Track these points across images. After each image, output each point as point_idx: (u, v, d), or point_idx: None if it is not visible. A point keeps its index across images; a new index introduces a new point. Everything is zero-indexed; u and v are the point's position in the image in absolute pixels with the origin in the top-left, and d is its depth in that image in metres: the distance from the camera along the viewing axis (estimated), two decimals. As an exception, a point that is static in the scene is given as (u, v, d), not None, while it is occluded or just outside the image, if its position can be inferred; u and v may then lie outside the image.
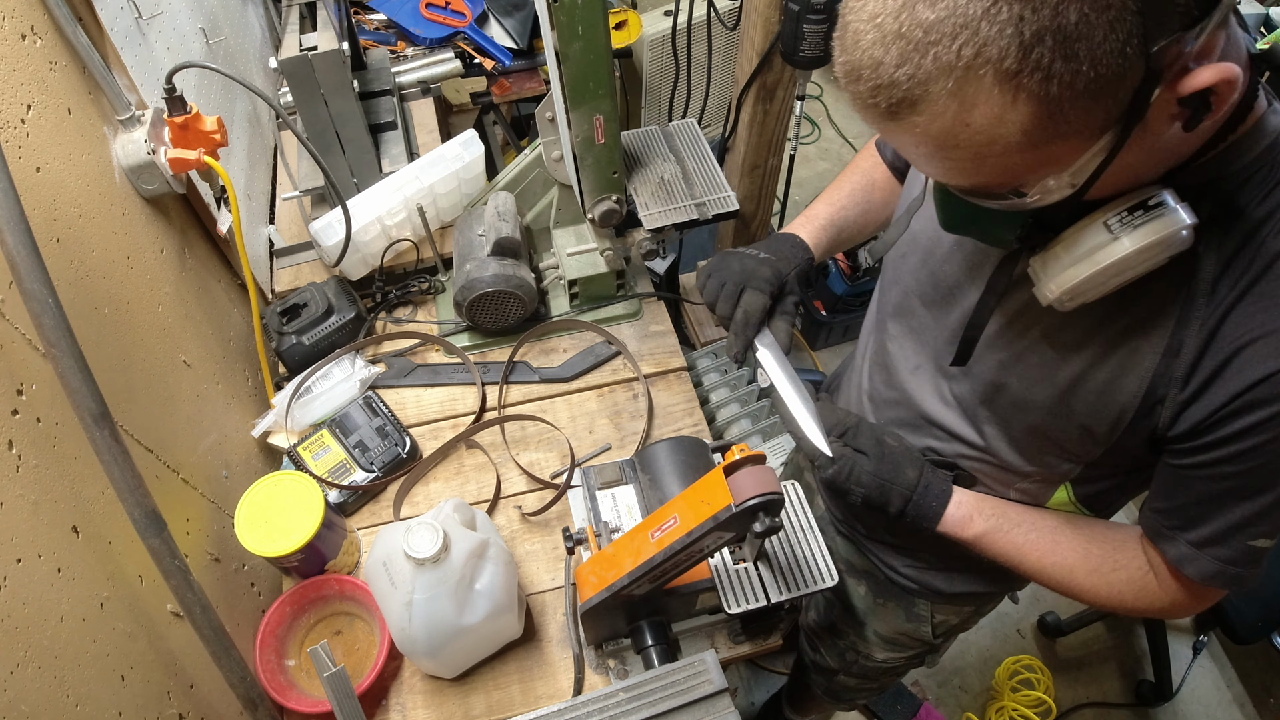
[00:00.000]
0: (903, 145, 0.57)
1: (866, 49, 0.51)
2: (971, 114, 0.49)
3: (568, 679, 1.03)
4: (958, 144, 0.52)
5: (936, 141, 0.52)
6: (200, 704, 0.89)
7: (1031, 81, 0.47)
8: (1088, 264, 0.60)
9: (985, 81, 0.47)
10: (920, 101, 0.50)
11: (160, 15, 1.16)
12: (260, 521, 0.98)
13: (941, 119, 0.50)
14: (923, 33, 0.48)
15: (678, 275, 2.19)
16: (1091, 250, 0.59)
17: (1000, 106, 0.48)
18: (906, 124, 0.52)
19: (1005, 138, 0.50)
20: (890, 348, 0.93)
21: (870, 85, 0.52)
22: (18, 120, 0.78)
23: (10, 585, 0.63)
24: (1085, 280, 0.60)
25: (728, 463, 0.74)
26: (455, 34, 1.90)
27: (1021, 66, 0.46)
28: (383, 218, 1.32)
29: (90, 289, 0.86)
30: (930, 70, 0.48)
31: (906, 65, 0.49)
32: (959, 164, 0.55)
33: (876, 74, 0.51)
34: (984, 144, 0.51)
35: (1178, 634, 2.12)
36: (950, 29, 0.47)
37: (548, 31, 1.02)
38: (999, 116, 0.49)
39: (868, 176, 1.06)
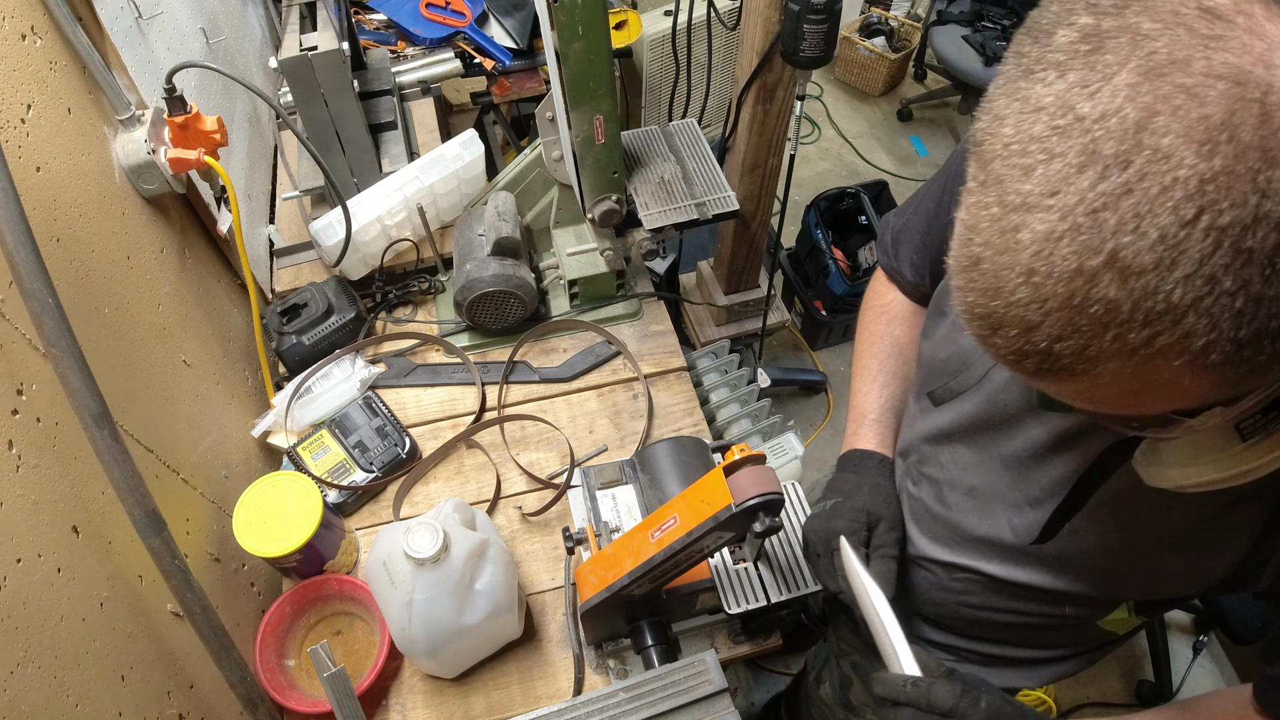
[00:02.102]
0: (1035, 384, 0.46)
1: (1015, 305, 0.39)
2: (1145, 388, 0.40)
3: (568, 679, 1.03)
4: (1115, 406, 0.43)
5: (1086, 400, 0.44)
6: (200, 704, 0.89)
7: (1230, 372, 0.38)
8: (1214, 467, 0.52)
9: (1173, 367, 0.38)
10: (1082, 376, 0.40)
11: (160, 15, 1.16)
12: (258, 522, 0.98)
13: (1105, 391, 0.41)
14: (1104, 310, 0.37)
15: (678, 275, 2.19)
16: (1220, 456, 0.51)
17: (1184, 385, 0.39)
18: (1048, 385, 0.43)
19: (1178, 401, 0.42)
20: (941, 460, 0.83)
21: (1017, 348, 0.41)
22: (18, 120, 0.78)
23: (10, 585, 0.63)
24: (1208, 483, 0.53)
25: (728, 463, 0.74)
26: (455, 34, 1.90)
27: (1225, 360, 0.37)
28: (383, 218, 1.32)
29: (90, 289, 0.86)
30: (1106, 350, 0.38)
31: (1074, 339, 0.38)
32: (1110, 409, 0.45)
33: (1028, 338, 0.40)
34: (1147, 406, 0.43)
35: (1178, 634, 2.12)
36: (1144, 314, 0.36)
37: (548, 31, 1.02)
38: (1178, 392, 0.40)
39: (888, 341, 0.98)
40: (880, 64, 3.50)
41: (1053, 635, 0.87)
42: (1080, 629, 0.85)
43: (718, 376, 1.81)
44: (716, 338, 2.09)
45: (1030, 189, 0.38)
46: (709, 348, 1.89)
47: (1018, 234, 0.38)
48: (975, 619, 0.88)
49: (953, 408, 0.79)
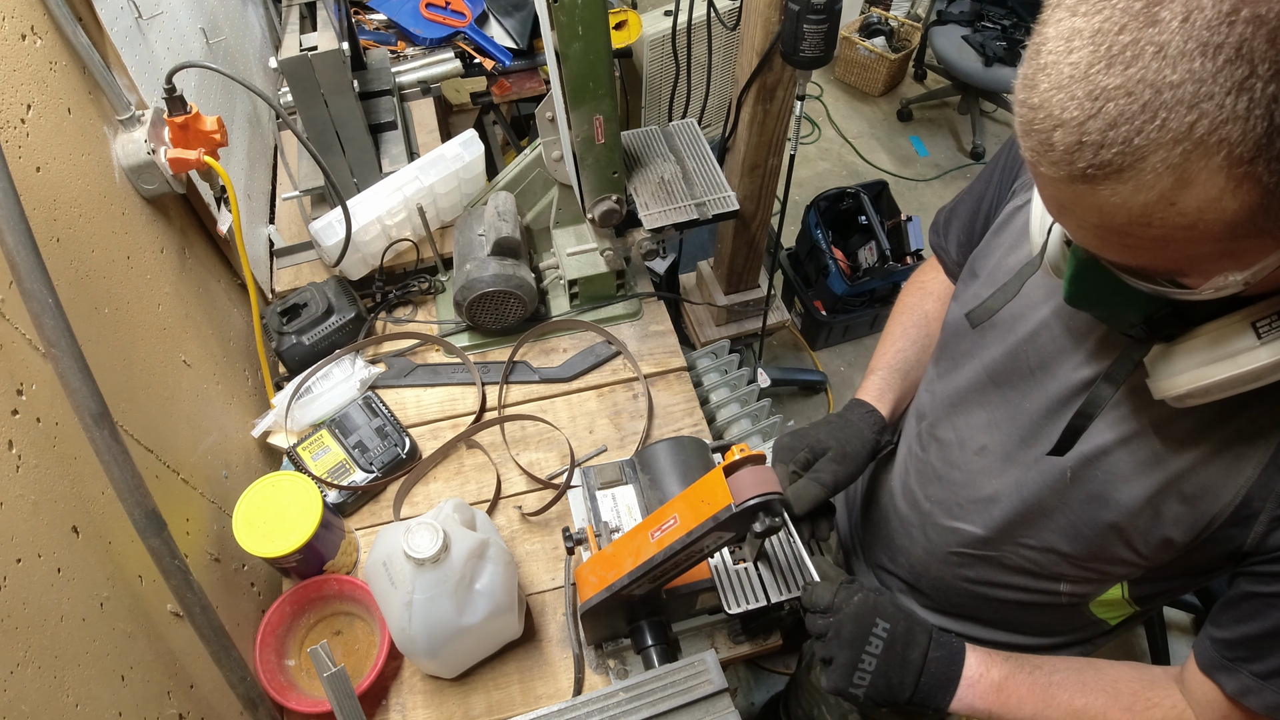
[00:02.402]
0: (1076, 214, 0.49)
1: (1071, 100, 0.44)
2: (1183, 193, 0.43)
3: (568, 679, 1.03)
4: (1150, 222, 0.45)
5: (1128, 216, 0.45)
6: (200, 704, 0.89)
7: (1264, 171, 0.41)
8: (1228, 365, 0.54)
9: (1212, 161, 0.41)
10: (1128, 170, 0.43)
11: (160, 15, 1.16)
12: (258, 522, 0.98)
13: (1146, 193, 0.43)
14: (1154, 93, 0.41)
15: (678, 275, 2.19)
16: (1234, 352, 0.54)
17: (1218, 191, 0.42)
18: (1098, 192, 0.45)
19: (1207, 224, 0.44)
20: (955, 422, 0.86)
21: (1071, 142, 0.44)
22: (18, 120, 0.78)
23: (10, 585, 0.63)
24: (1221, 382, 0.55)
25: (728, 463, 0.74)
26: (455, 34, 1.90)
27: (1258, 153, 0.40)
28: (383, 218, 1.32)
29: (90, 289, 0.86)
30: (1154, 138, 0.41)
31: (1124, 126, 0.42)
32: (1137, 243, 0.48)
33: (1082, 130, 0.43)
34: (1180, 227, 0.44)
35: (1178, 634, 2.12)
36: (1188, 96, 0.40)
37: (548, 31, 1.02)
38: (1212, 202, 0.42)
39: (916, 312, 1.03)
40: (880, 64, 3.50)
41: (1046, 618, 0.88)
42: (1074, 613, 0.86)
43: (718, 376, 1.81)
44: (716, 338, 2.09)
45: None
46: (709, 348, 1.89)
47: (1082, 34, 0.43)
48: (972, 594, 0.90)
49: (976, 359, 0.82)
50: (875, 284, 2.48)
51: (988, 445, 0.82)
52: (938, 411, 0.89)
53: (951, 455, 0.87)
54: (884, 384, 0.99)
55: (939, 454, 0.89)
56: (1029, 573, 0.83)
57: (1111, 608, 0.84)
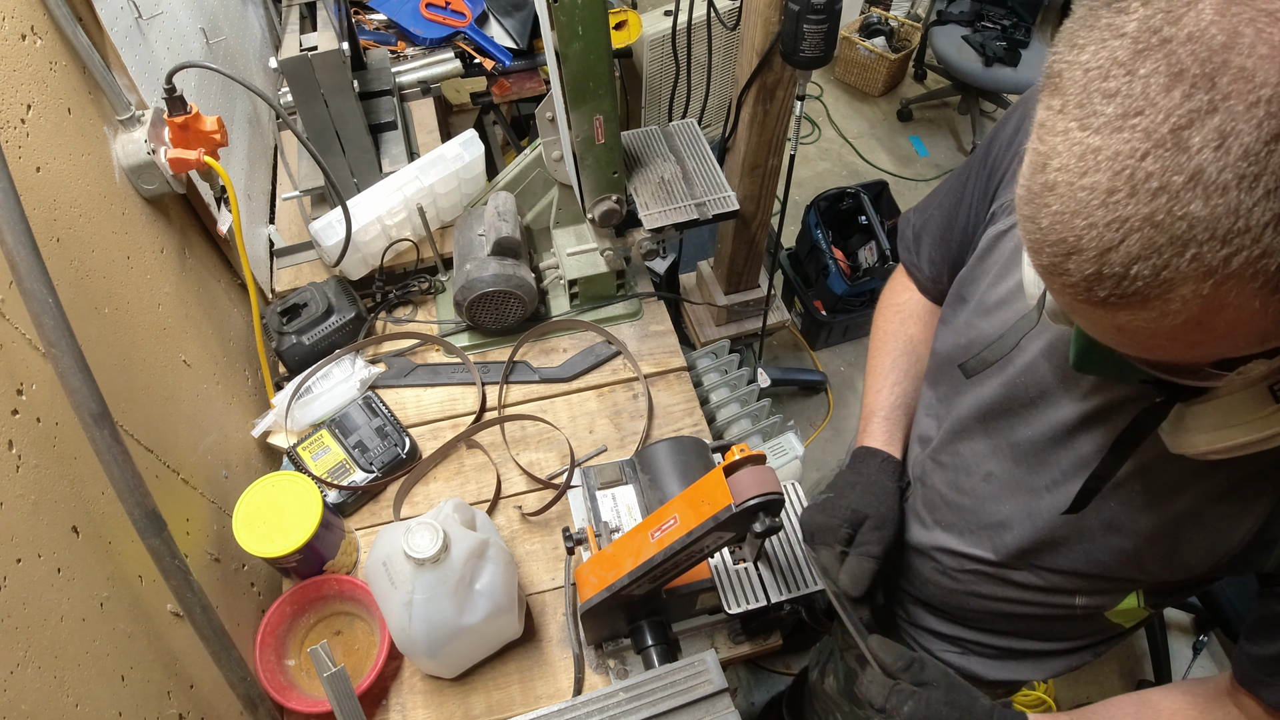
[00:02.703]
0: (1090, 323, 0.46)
1: (1090, 229, 0.40)
2: (1213, 318, 0.40)
3: (568, 679, 1.03)
4: (1175, 339, 0.42)
5: (1150, 334, 0.43)
6: (200, 704, 0.89)
7: None
8: (1245, 430, 0.53)
9: (1247, 289, 0.38)
10: (1154, 301, 0.40)
11: (160, 15, 1.16)
12: (258, 522, 0.98)
13: (1172, 320, 0.40)
14: (1185, 228, 0.37)
15: (678, 275, 2.19)
16: (1254, 418, 0.52)
17: (1250, 314, 0.39)
18: (1116, 316, 0.42)
19: (1238, 337, 0.42)
20: (959, 449, 0.84)
21: (1090, 272, 0.41)
22: (18, 120, 0.78)
23: (10, 585, 0.63)
24: (1240, 445, 0.54)
25: (728, 463, 0.74)
26: (455, 34, 1.90)
27: None
28: (383, 218, 1.32)
29: (90, 289, 0.86)
30: (1184, 271, 0.38)
31: (1152, 259, 0.38)
32: (1163, 350, 0.45)
33: (1102, 261, 0.40)
34: (1209, 342, 0.42)
35: (1178, 634, 2.12)
36: (1223, 230, 0.36)
37: (548, 31, 1.02)
38: (1243, 322, 0.40)
39: (901, 339, 1.00)
40: (880, 64, 3.50)
41: (1060, 626, 0.88)
42: (1089, 621, 0.85)
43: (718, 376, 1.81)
44: (716, 338, 2.09)
45: (1113, 111, 0.39)
46: (709, 348, 1.89)
47: (1099, 155, 0.39)
48: (983, 610, 0.89)
49: (973, 393, 0.80)
50: (875, 284, 2.47)
51: (994, 472, 0.80)
52: (941, 438, 0.87)
53: (959, 481, 0.85)
54: (891, 425, 0.96)
55: (945, 479, 0.87)
56: (1043, 589, 0.82)
57: (1127, 615, 0.84)
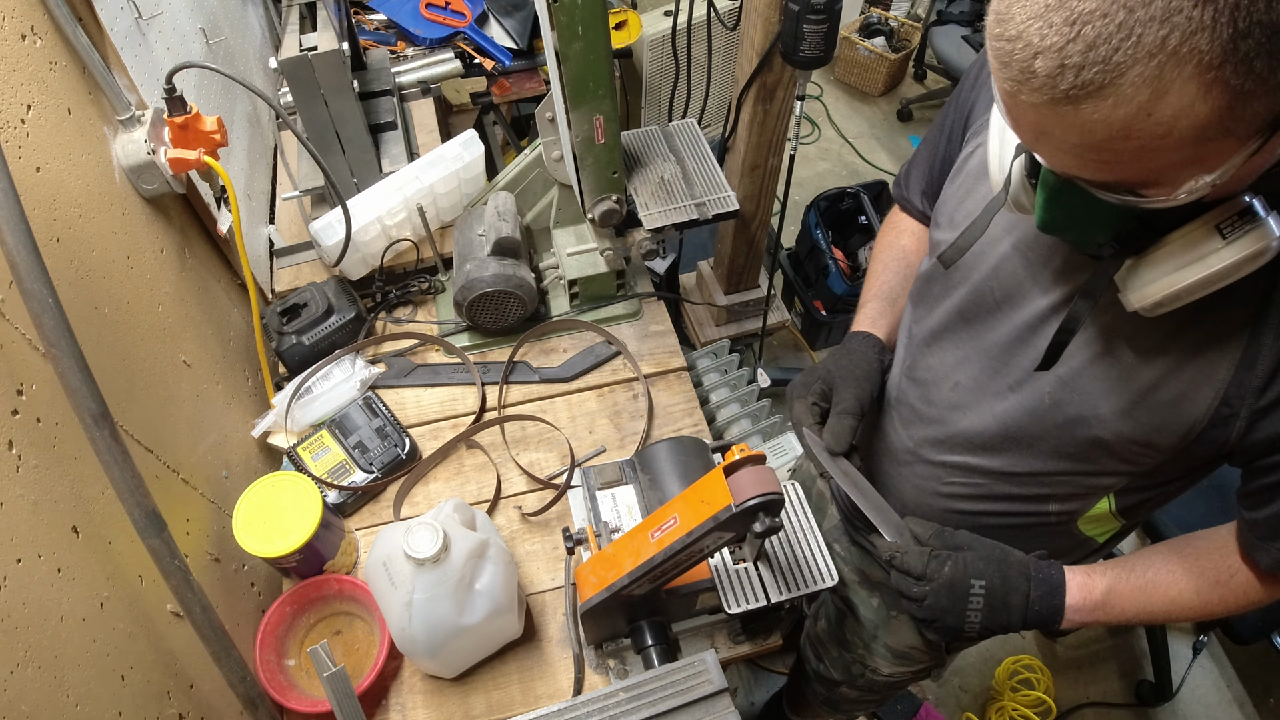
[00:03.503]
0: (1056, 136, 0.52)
1: (1049, 28, 0.46)
2: (1158, 104, 0.46)
3: (568, 679, 1.03)
4: (1129, 135, 0.48)
5: (1108, 131, 0.48)
6: (200, 704, 0.89)
7: (1231, 74, 0.44)
8: (1198, 267, 0.58)
9: (1185, 70, 0.44)
10: (1108, 87, 0.46)
11: (160, 15, 1.16)
12: (258, 522, 0.98)
13: (1126, 107, 0.46)
14: (1127, 13, 0.44)
15: (678, 275, 2.19)
16: (1202, 255, 0.57)
17: (1190, 98, 0.45)
18: (1080, 111, 0.48)
19: (1180, 131, 0.47)
20: (929, 362, 0.90)
21: (1053, 66, 0.47)
22: (18, 120, 0.78)
23: (10, 585, 0.63)
24: (1192, 285, 0.58)
25: (728, 463, 0.74)
26: (455, 34, 1.90)
27: (1225, 58, 0.44)
28: (383, 218, 1.32)
29: (90, 289, 0.86)
30: (1131, 54, 0.45)
31: (1103, 46, 0.45)
32: (1115, 157, 0.51)
33: (1063, 55, 0.46)
34: (1156, 136, 0.48)
35: (1178, 634, 2.12)
36: (1160, 11, 0.43)
37: (548, 31, 1.02)
38: (1185, 108, 0.46)
39: (894, 247, 1.06)
40: (880, 64, 3.50)
41: (1038, 539, 0.91)
42: (1063, 530, 0.89)
43: (718, 376, 1.81)
44: (716, 338, 2.09)
45: None
46: (709, 348, 1.90)
47: None
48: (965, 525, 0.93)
49: (945, 302, 0.86)
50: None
51: (960, 381, 0.86)
52: (914, 354, 0.93)
53: (929, 394, 0.91)
54: (875, 312, 1.03)
55: (918, 394, 0.93)
56: (1018, 498, 0.86)
57: (1099, 523, 0.88)
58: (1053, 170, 0.58)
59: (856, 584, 1.21)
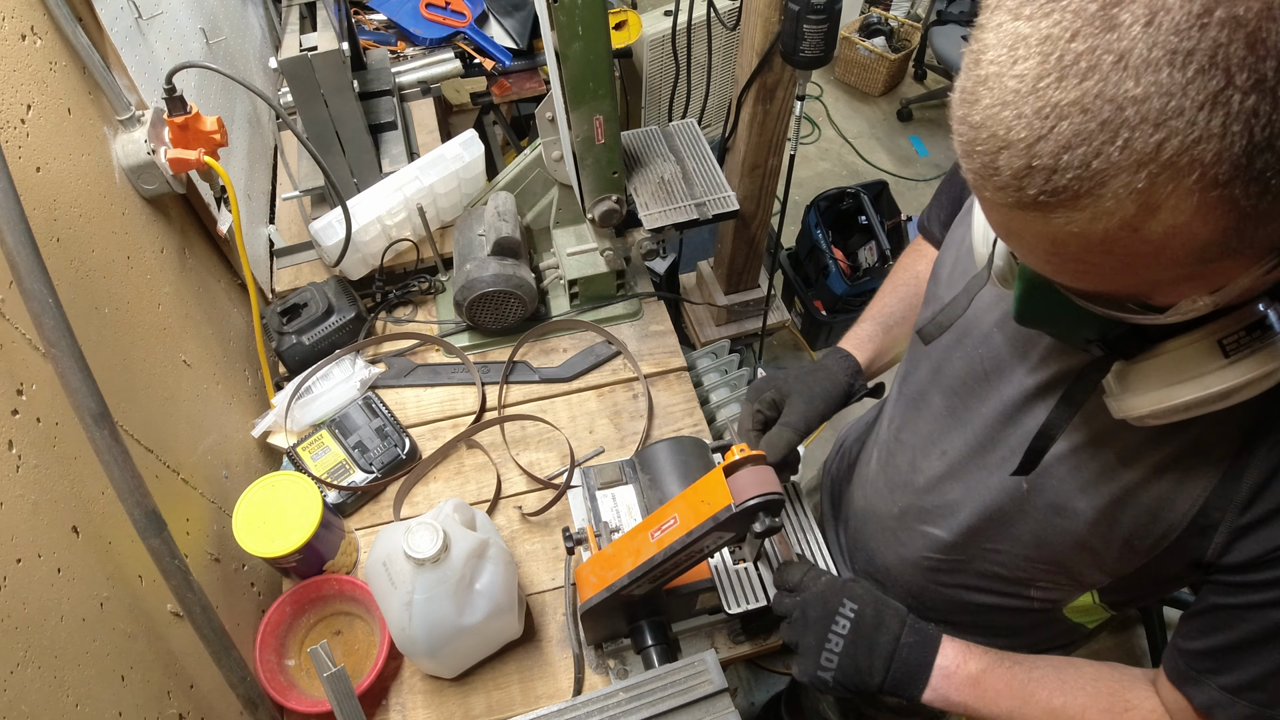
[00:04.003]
0: (1026, 240, 0.45)
1: (1018, 119, 0.39)
2: (1147, 221, 0.38)
3: (568, 679, 1.03)
4: (1109, 251, 0.40)
5: (1082, 244, 0.41)
6: (200, 704, 0.89)
7: (1241, 193, 0.36)
8: (1194, 386, 0.51)
9: (1182, 185, 0.36)
10: (1085, 197, 0.38)
11: (160, 15, 1.16)
12: (258, 522, 0.98)
13: (1106, 221, 0.39)
14: (1114, 110, 0.36)
15: (678, 275, 2.19)
16: (1202, 373, 0.51)
17: (1188, 216, 0.37)
18: (1050, 220, 0.40)
19: (1174, 251, 0.39)
20: (918, 427, 0.86)
21: (1019, 166, 0.39)
22: (18, 120, 0.78)
23: (10, 585, 0.63)
24: (1188, 403, 0.52)
25: (728, 463, 0.74)
26: (455, 34, 1.90)
27: (1235, 175, 0.36)
28: (383, 218, 1.32)
29: (90, 289, 0.86)
30: (1115, 160, 0.37)
31: (1081, 148, 0.37)
32: (1095, 270, 0.43)
33: (1031, 153, 0.39)
34: (1143, 256, 0.40)
35: (1178, 634, 2.12)
36: (1154, 112, 0.35)
37: (548, 31, 1.02)
38: (1181, 227, 0.38)
39: (908, 271, 1.02)
40: (880, 64, 3.50)
41: (1022, 621, 0.89)
42: (1048, 616, 0.86)
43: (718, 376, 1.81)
44: (716, 338, 2.09)
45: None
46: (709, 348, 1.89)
47: (1028, 42, 0.38)
48: (946, 598, 0.91)
49: (933, 364, 0.82)
50: (875, 284, 2.47)
51: (947, 451, 0.81)
52: (903, 415, 0.89)
53: (915, 460, 0.86)
54: (865, 334, 0.99)
55: (905, 458, 0.89)
56: (999, 578, 0.82)
57: (1086, 613, 0.83)
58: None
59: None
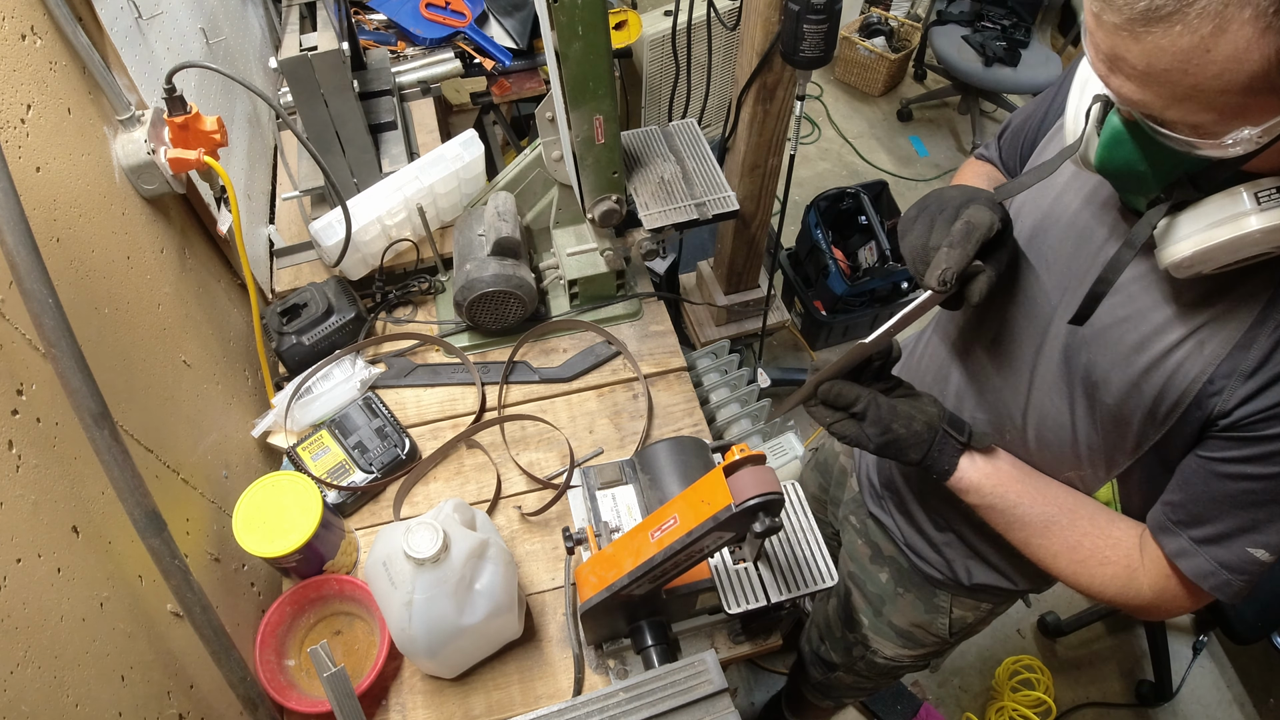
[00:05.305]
0: (1126, 63, 0.55)
1: None
2: (1218, 40, 0.49)
3: (568, 679, 1.03)
4: (1187, 69, 0.52)
5: (1168, 62, 0.52)
6: (200, 704, 0.89)
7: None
8: (1229, 228, 0.60)
9: (1244, 12, 0.48)
10: (1175, 15, 0.50)
11: (160, 15, 1.16)
12: (258, 522, 0.98)
13: (1188, 38, 0.50)
14: None
15: (678, 275, 2.19)
16: (1234, 216, 0.60)
17: (1247, 40, 0.49)
18: (1150, 34, 0.52)
19: (1235, 73, 0.50)
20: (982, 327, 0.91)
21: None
22: (18, 120, 0.78)
23: (10, 585, 0.63)
24: (1221, 245, 0.60)
25: (728, 463, 0.74)
26: (455, 34, 1.90)
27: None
28: (383, 218, 1.32)
29: (90, 289, 0.86)
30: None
31: None
32: (1173, 91, 0.54)
33: None
34: (1212, 75, 0.51)
35: (1178, 634, 2.12)
36: None
37: (548, 31, 1.02)
38: (1242, 50, 0.49)
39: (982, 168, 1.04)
40: (880, 64, 3.50)
41: None
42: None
43: (718, 376, 1.81)
44: (716, 338, 2.09)
45: None
46: (709, 348, 1.89)
47: None
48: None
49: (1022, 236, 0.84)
50: (875, 284, 2.47)
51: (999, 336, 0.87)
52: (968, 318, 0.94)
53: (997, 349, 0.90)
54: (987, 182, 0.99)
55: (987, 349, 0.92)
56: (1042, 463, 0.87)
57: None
58: (1119, 107, 0.61)
59: (867, 559, 1.22)
